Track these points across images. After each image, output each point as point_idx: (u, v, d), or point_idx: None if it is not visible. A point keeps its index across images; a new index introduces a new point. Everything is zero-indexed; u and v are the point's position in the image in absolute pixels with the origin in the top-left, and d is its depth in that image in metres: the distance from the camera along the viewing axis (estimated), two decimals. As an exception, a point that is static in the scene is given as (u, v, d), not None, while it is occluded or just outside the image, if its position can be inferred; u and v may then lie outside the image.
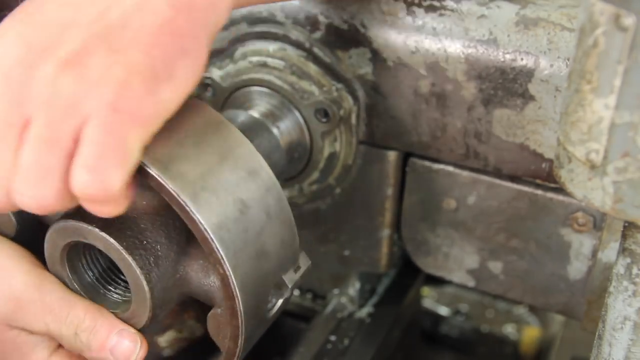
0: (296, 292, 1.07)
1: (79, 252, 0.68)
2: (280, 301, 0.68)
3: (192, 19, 0.59)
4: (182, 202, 0.58)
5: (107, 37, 0.56)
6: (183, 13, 0.58)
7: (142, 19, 0.57)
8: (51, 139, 0.54)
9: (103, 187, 0.54)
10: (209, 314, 0.67)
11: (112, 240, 0.62)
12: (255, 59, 0.88)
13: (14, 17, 0.58)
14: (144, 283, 0.63)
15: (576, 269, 0.84)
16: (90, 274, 0.69)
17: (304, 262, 0.69)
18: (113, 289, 0.69)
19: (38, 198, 0.55)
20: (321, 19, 0.85)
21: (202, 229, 0.59)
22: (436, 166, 0.87)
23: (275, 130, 0.84)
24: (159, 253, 0.64)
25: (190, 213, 0.59)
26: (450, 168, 0.86)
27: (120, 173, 0.54)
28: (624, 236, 0.59)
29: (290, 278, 0.67)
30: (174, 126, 0.60)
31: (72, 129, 0.54)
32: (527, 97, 0.78)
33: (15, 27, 0.57)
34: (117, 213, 0.57)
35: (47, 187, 0.55)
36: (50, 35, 0.56)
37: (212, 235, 0.59)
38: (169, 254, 0.65)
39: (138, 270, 0.63)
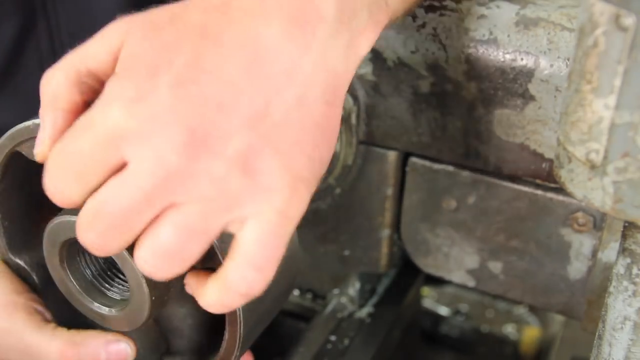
0: (296, 292, 1.08)
1: (77, 249, 0.68)
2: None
3: (339, 114, 0.57)
4: None
5: (272, 137, 0.53)
6: (334, 109, 0.57)
7: (301, 118, 0.54)
8: (202, 230, 0.52)
9: (265, 285, 0.54)
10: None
11: None
12: (255, 59, 0.88)
13: (158, 74, 0.51)
14: (143, 280, 0.63)
15: (576, 269, 0.84)
16: (89, 271, 0.69)
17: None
18: (112, 286, 0.69)
19: (162, 276, 0.54)
20: (321, 19, 0.85)
21: None
22: (436, 166, 0.87)
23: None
24: None
25: None
26: (450, 168, 0.86)
27: (274, 270, 0.54)
28: (624, 236, 0.59)
29: None
30: None
31: (224, 224, 0.53)
32: (527, 97, 0.78)
33: (168, 97, 0.50)
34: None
35: (176, 271, 0.54)
36: (212, 122, 0.51)
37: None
38: None
39: (136, 267, 0.62)
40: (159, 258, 0.53)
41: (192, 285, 0.61)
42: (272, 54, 0.53)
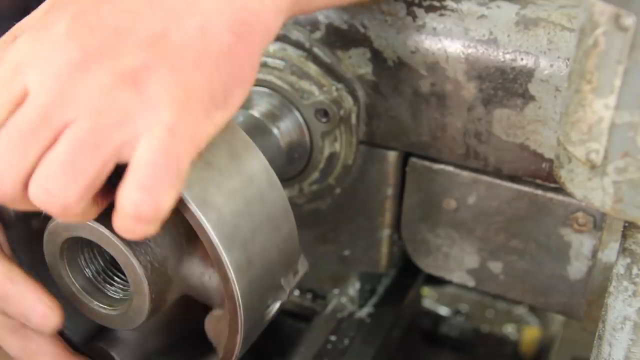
0: (296, 292, 1.08)
1: (78, 248, 0.68)
2: (277, 304, 0.68)
3: (250, 46, 0.58)
4: (190, 207, 0.59)
5: (168, 56, 0.55)
6: (243, 40, 0.58)
7: (203, 44, 0.56)
8: (93, 144, 0.53)
9: (155, 207, 0.53)
10: (208, 316, 0.67)
11: (111, 235, 0.62)
12: (255, 59, 0.88)
13: (64, 10, 0.56)
14: (144, 280, 0.63)
15: (576, 269, 0.84)
16: (89, 270, 0.69)
17: (303, 266, 0.70)
18: (112, 285, 0.69)
19: (61, 197, 0.54)
20: (321, 19, 0.85)
21: (208, 232, 0.59)
22: (436, 166, 0.87)
23: (275, 131, 0.84)
24: (159, 250, 0.64)
25: (197, 217, 0.59)
26: (450, 168, 0.86)
27: (172, 194, 0.54)
28: (624, 236, 0.59)
29: (288, 282, 0.68)
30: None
31: (118, 141, 0.54)
32: (527, 97, 0.78)
33: (69, 24, 0.55)
34: (151, 233, 0.56)
35: (74, 188, 0.54)
36: (107, 42, 0.54)
37: (216, 240, 0.59)
38: (169, 251, 0.65)
39: (137, 267, 0.63)
40: (53, 176, 0.53)
41: None
42: None
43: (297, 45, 0.87)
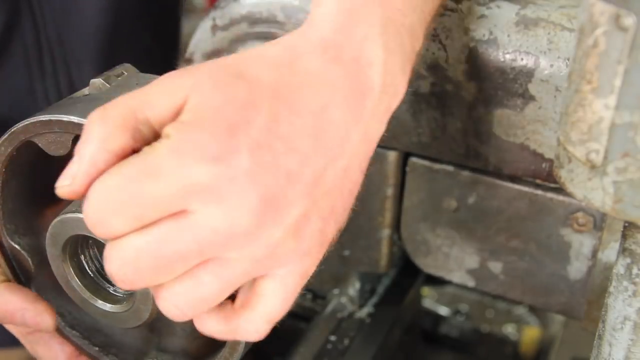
0: (296, 292, 1.07)
1: (80, 246, 0.68)
2: None
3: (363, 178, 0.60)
4: None
5: (321, 203, 0.55)
6: (363, 176, 0.60)
7: (343, 186, 0.57)
8: (239, 283, 0.54)
9: (261, 336, 0.57)
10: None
11: None
12: (255, 59, 0.88)
13: (239, 137, 0.50)
14: None
15: (576, 269, 0.84)
16: (92, 268, 0.69)
17: None
18: (114, 285, 0.69)
19: (177, 316, 0.54)
20: (321, 19, 0.85)
21: None
22: (436, 166, 0.87)
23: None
24: None
25: None
26: (450, 168, 0.86)
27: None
28: (624, 236, 0.59)
29: None
30: None
31: (251, 277, 0.55)
32: (527, 97, 0.78)
33: (249, 163, 0.50)
34: None
35: (195, 312, 0.54)
36: (281, 191, 0.52)
37: None
38: None
39: None
40: (191, 304, 0.53)
41: None
42: (334, 125, 0.55)
43: (297, 45, 0.87)
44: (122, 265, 0.52)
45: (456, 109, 0.82)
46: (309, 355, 0.92)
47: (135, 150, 0.53)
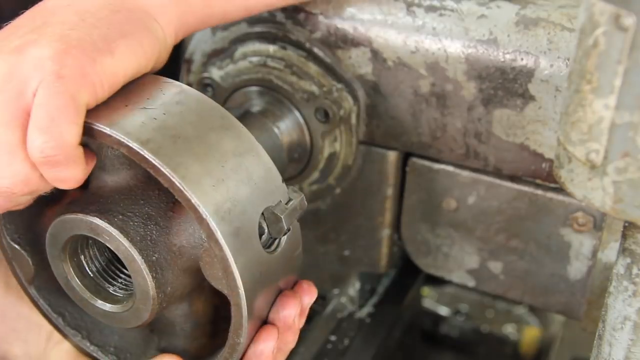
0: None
1: (80, 246, 0.68)
2: (282, 237, 0.66)
3: (128, 14, 0.66)
4: (157, 164, 0.59)
5: (47, 31, 0.61)
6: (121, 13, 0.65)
7: (79, 16, 0.63)
8: (7, 119, 0.58)
9: (58, 144, 0.58)
10: (200, 262, 0.65)
11: (112, 229, 0.62)
12: (255, 59, 0.88)
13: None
14: (148, 278, 0.63)
15: (576, 269, 0.84)
16: (92, 268, 0.69)
17: (295, 196, 0.68)
18: (115, 284, 0.69)
19: (10, 177, 0.59)
20: (321, 19, 0.85)
21: (179, 187, 0.59)
22: (436, 166, 0.87)
23: (275, 130, 0.84)
24: (155, 235, 0.64)
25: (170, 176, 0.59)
26: (450, 168, 0.86)
27: (73, 128, 0.58)
28: (624, 236, 0.59)
29: (281, 209, 0.66)
30: (137, 100, 0.64)
31: (23, 105, 0.58)
32: (527, 97, 0.78)
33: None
34: (80, 178, 0.60)
35: (16, 164, 0.59)
36: (9, 35, 0.62)
37: (189, 192, 0.59)
38: (162, 230, 0.65)
39: (140, 261, 0.62)
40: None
41: None
42: None
43: (297, 45, 0.87)
44: None
45: (456, 109, 0.82)
46: (309, 355, 0.92)
47: None
